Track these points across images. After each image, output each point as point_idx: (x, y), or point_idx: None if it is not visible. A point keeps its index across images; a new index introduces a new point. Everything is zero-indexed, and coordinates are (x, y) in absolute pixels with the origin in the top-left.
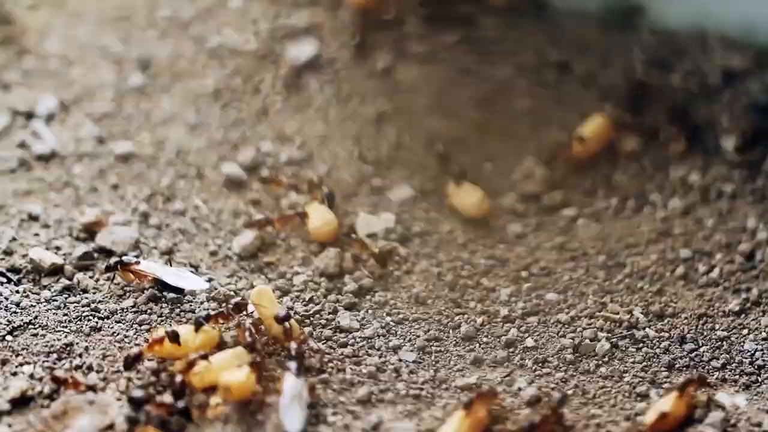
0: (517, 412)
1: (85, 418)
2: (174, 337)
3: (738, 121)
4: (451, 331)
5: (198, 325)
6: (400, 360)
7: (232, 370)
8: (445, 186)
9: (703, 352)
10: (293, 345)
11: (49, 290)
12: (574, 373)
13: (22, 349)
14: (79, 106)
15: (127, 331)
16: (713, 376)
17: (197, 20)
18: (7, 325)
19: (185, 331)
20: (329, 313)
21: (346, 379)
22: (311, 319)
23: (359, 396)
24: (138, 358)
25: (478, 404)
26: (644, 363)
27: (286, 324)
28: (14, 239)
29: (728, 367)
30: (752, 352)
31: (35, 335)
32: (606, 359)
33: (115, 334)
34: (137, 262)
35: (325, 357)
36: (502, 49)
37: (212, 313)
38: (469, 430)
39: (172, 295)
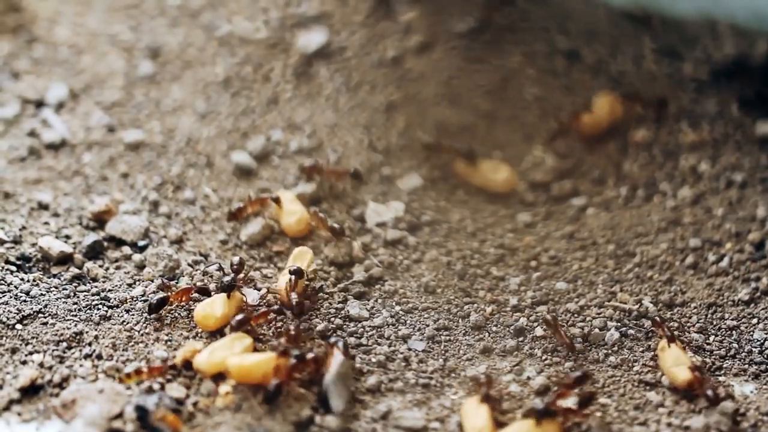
0: (527, 401)
1: (95, 406)
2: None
3: None
4: (460, 320)
5: (230, 290)
6: (410, 349)
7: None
8: (454, 167)
9: (713, 341)
10: (293, 296)
11: (59, 279)
12: (584, 363)
13: (32, 337)
14: (89, 94)
15: (136, 320)
16: (722, 365)
17: (207, 8)
18: (17, 314)
19: (220, 302)
20: (339, 303)
21: (355, 368)
22: (321, 308)
23: (368, 385)
24: None
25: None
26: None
27: (291, 278)
28: (24, 228)
29: (737, 356)
30: (761, 341)
31: (45, 324)
32: (615, 348)
33: (125, 323)
34: None
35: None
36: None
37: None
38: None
39: None
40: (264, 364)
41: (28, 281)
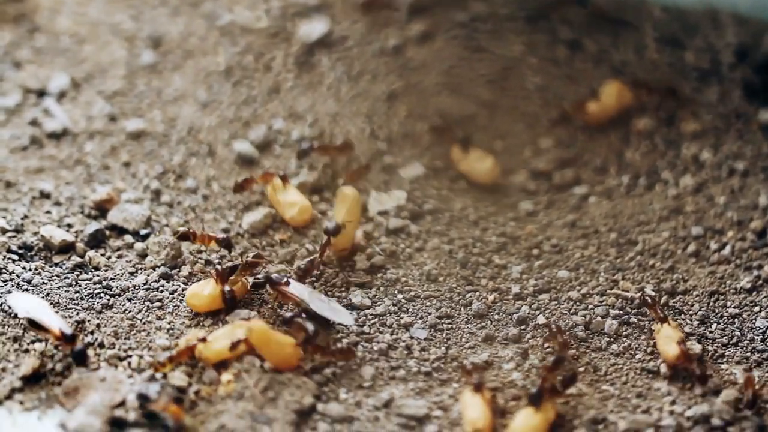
0: (529, 389)
1: (97, 395)
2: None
3: None
4: (462, 309)
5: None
6: (412, 337)
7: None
8: (451, 152)
9: (715, 329)
10: (308, 259)
11: (61, 267)
12: (586, 351)
13: None
14: (91, 83)
15: (138, 308)
16: (725, 353)
17: None
18: None
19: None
20: (341, 291)
21: (357, 356)
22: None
23: (371, 373)
24: None
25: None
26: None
27: (330, 237)
28: (26, 217)
29: (740, 344)
30: (764, 329)
31: None
32: (617, 336)
33: (127, 312)
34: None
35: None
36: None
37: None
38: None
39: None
40: (282, 339)
41: (30, 270)
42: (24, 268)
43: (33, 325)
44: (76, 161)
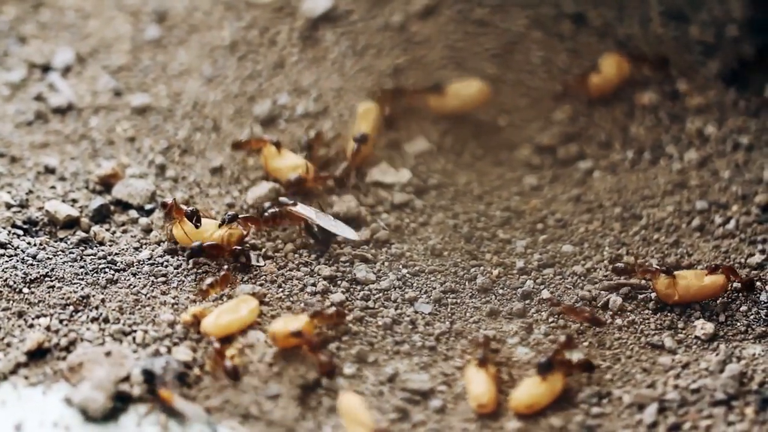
0: (534, 363)
1: (102, 369)
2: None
3: None
4: (467, 283)
5: (229, 221)
6: (416, 312)
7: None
8: (428, 102)
9: (719, 303)
10: (343, 165)
11: (66, 242)
12: (590, 325)
13: (39, 301)
14: (96, 58)
15: (143, 283)
16: (730, 327)
17: None
18: (24, 278)
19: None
20: (345, 265)
21: (361, 330)
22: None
23: (375, 347)
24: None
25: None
26: (659, 314)
27: (354, 146)
28: (31, 192)
29: (745, 318)
30: None
31: (52, 287)
32: (622, 311)
33: (132, 287)
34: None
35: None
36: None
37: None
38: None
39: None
40: (288, 322)
41: (35, 245)
42: (29, 243)
43: None
44: (81, 136)
